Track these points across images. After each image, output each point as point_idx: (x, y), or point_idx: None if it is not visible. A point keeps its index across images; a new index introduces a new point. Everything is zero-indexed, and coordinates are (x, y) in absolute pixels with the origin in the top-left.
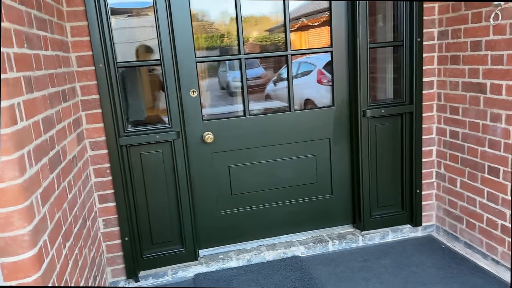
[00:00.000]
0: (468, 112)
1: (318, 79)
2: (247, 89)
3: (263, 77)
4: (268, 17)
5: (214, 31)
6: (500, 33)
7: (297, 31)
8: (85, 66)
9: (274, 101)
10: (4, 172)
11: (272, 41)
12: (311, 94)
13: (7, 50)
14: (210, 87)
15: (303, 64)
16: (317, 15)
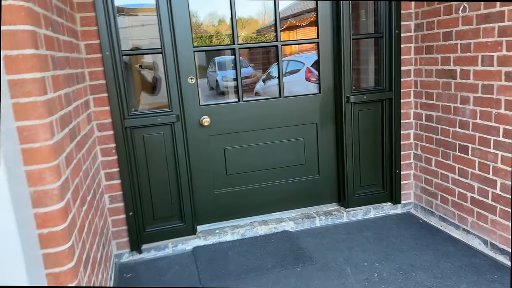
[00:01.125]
0: (441, 97)
1: (306, 77)
2: (241, 79)
3: (252, 76)
4: (256, 19)
5: (214, 35)
6: (467, 24)
7: (286, 30)
8: (93, 53)
9: (264, 97)
10: (38, 133)
11: (259, 40)
12: (299, 91)
13: (39, 30)
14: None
15: (292, 62)
16: (304, 15)
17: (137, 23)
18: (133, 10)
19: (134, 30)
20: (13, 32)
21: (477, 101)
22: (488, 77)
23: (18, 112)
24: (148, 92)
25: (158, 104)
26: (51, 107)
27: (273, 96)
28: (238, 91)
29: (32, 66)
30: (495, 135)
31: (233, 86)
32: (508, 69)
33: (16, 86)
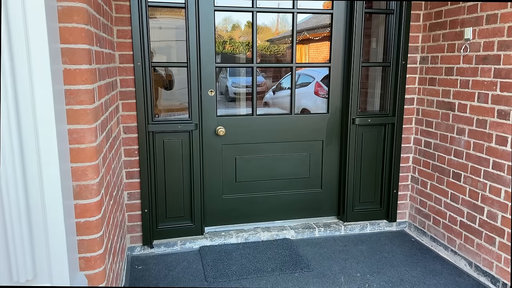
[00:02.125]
0: (440, 126)
1: (315, 90)
2: (256, 94)
3: (263, 85)
4: (269, 27)
5: (228, 41)
6: (468, 62)
7: (299, 43)
8: (126, 63)
9: (273, 108)
10: (86, 136)
11: (272, 51)
12: (308, 105)
13: (92, 47)
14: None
15: (302, 75)
16: (318, 30)
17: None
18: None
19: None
20: (73, 50)
21: (472, 134)
22: (482, 113)
23: (71, 117)
24: (164, 87)
25: (174, 104)
26: (97, 113)
27: (282, 108)
28: (253, 105)
29: (86, 78)
30: (485, 166)
31: (244, 93)
32: (500, 107)
33: (71, 95)
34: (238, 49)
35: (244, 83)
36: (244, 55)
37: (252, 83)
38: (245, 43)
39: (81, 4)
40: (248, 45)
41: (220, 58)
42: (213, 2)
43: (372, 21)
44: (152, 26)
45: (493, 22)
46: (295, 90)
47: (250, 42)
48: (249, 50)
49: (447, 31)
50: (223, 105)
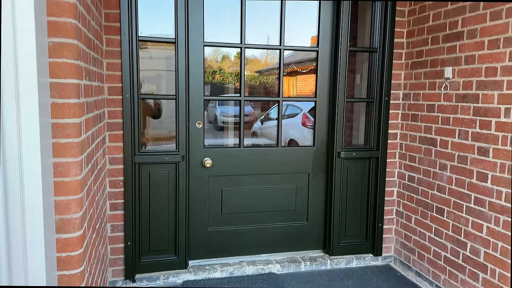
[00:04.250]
0: (423, 161)
1: (303, 121)
2: (243, 125)
3: (251, 115)
4: (259, 59)
5: (217, 72)
6: (448, 100)
7: (287, 75)
8: (114, 95)
9: (261, 138)
10: (71, 170)
11: (261, 81)
12: (295, 135)
13: (80, 81)
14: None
15: (290, 106)
16: (305, 63)
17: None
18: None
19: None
20: (62, 85)
21: (453, 169)
22: (463, 149)
23: (56, 150)
24: (152, 116)
25: (161, 133)
26: (83, 147)
27: (270, 139)
28: (240, 137)
29: (74, 112)
30: (467, 202)
31: (232, 122)
32: (480, 144)
33: (58, 128)
34: (228, 79)
35: (233, 112)
36: (233, 85)
37: (239, 116)
38: (234, 73)
39: (71, 40)
40: (237, 75)
41: (210, 88)
42: (202, 38)
43: (357, 58)
44: (142, 56)
45: (471, 62)
46: (283, 121)
47: (239, 73)
48: (238, 80)
49: (428, 69)
50: (212, 134)
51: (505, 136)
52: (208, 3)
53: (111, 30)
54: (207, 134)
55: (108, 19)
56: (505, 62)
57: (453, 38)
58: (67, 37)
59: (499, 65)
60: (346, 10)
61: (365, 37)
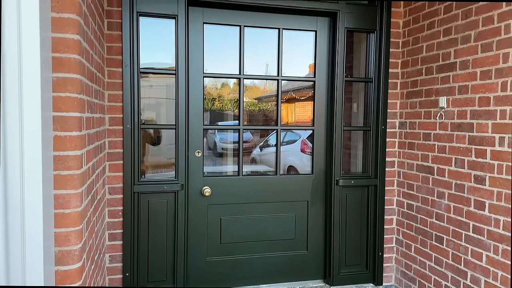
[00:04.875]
0: (421, 189)
1: (302, 148)
2: (242, 153)
3: (250, 141)
4: (258, 86)
5: (217, 98)
6: (444, 129)
7: (286, 102)
8: (115, 125)
9: (260, 165)
10: (71, 201)
11: (260, 108)
12: (294, 162)
13: (82, 114)
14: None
15: (289, 133)
16: (303, 90)
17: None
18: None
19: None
20: (65, 118)
21: (451, 197)
22: (460, 177)
23: (58, 182)
24: (151, 143)
25: (161, 160)
26: (83, 178)
27: (269, 165)
28: (239, 165)
29: (76, 145)
30: (466, 230)
31: (231, 148)
32: (476, 172)
33: (60, 161)
34: (227, 106)
35: (232, 139)
36: (232, 112)
37: (238, 144)
38: (233, 100)
39: (75, 75)
40: (237, 101)
41: (209, 114)
42: (202, 69)
43: (353, 87)
44: (143, 85)
45: (464, 92)
46: (282, 148)
47: (238, 102)
48: (237, 107)
49: (423, 99)
50: (211, 161)
51: (500, 164)
52: (207, 34)
53: (113, 63)
54: (206, 161)
55: (110, 52)
56: (498, 92)
57: (446, 69)
58: (71, 72)
59: (491, 95)
60: (342, 41)
61: (360, 67)
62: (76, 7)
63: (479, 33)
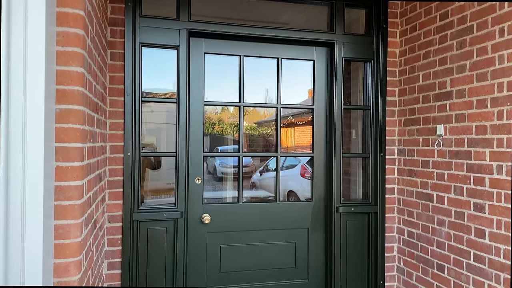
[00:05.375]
0: (421, 216)
1: (301, 173)
2: (242, 180)
3: (250, 165)
4: (258, 111)
5: (217, 123)
6: (442, 157)
7: (285, 127)
8: (116, 153)
9: (260, 190)
10: (71, 232)
11: (260, 132)
12: (294, 187)
13: (84, 145)
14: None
15: (289, 158)
16: (303, 115)
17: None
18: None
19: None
20: (67, 149)
21: (451, 225)
22: (459, 205)
23: (58, 212)
24: (151, 168)
25: (161, 185)
26: (84, 208)
27: (269, 191)
28: (239, 192)
29: (77, 175)
30: (467, 258)
31: (231, 173)
32: (476, 200)
33: (61, 191)
34: (227, 130)
35: (232, 163)
36: (232, 136)
37: (238, 171)
38: (233, 124)
39: (78, 107)
40: (237, 126)
41: (209, 139)
42: (203, 97)
43: (351, 114)
44: (144, 111)
45: (461, 121)
46: (282, 172)
47: (238, 128)
48: (237, 131)
49: (421, 126)
50: (211, 185)
51: (499, 192)
52: (208, 62)
53: (115, 92)
54: (206, 185)
55: (112, 81)
56: (494, 121)
57: (443, 97)
58: (74, 104)
59: (488, 123)
60: (339, 70)
61: (358, 94)
62: (80, 40)
63: (474, 63)
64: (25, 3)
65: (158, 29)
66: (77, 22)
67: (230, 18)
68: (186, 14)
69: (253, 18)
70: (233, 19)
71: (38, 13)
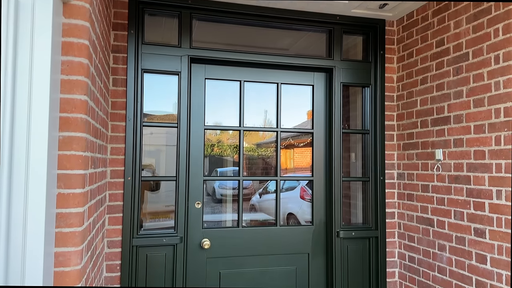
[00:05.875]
0: (422, 241)
1: (301, 195)
2: (242, 204)
3: (250, 187)
4: (257, 132)
5: (216, 144)
6: (441, 181)
7: (285, 148)
8: (116, 178)
9: (259, 213)
10: (71, 259)
11: (259, 153)
12: (294, 209)
13: (85, 171)
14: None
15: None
16: (302, 136)
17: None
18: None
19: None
20: (69, 176)
21: (452, 250)
22: (460, 230)
23: (59, 240)
24: (150, 190)
25: (160, 207)
26: (84, 235)
27: (268, 214)
28: (239, 217)
29: (78, 202)
30: (469, 284)
31: (231, 195)
32: (476, 225)
33: (62, 218)
34: (226, 152)
35: (231, 185)
36: (231, 157)
37: (238, 193)
38: (233, 146)
39: (81, 134)
40: (236, 147)
41: (208, 160)
42: (203, 122)
43: (351, 138)
44: (144, 133)
45: (460, 145)
46: (282, 195)
47: (238, 151)
48: (236, 152)
49: (420, 151)
50: (210, 208)
51: (499, 217)
52: (209, 86)
53: (116, 117)
54: (205, 208)
55: (114, 107)
56: (492, 146)
57: (441, 122)
58: (77, 131)
59: (486, 148)
60: (338, 95)
61: (357, 118)
62: (84, 69)
63: (471, 89)
64: (31, 33)
65: (160, 56)
66: (82, 51)
67: (231, 44)
68: (187, 41)
69: (254, 44)
70: (234, 45)
71: (44, 43)
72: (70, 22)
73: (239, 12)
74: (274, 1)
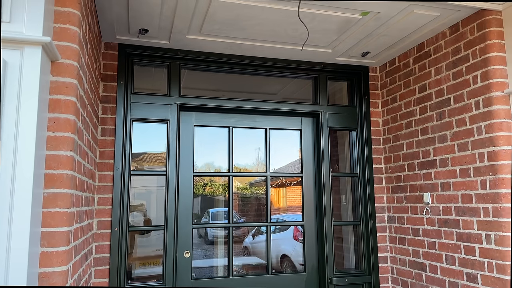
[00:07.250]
0: (415, 286)
1: (294, 235)
2: (232, 251)
3: (242, 229)
4: (250, 169)
5: (208, 184)
6: (431, 225)
7: (276, 187)
8: (103, 229)
9: (252, 257)
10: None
11: (252, 192)
12: (288, 250)
13: (70, 228)
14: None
15: (281, 220)
16: (293, 176)
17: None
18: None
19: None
20: (53, 233)
21: None
22: (452, 275)
23: None
24: (140, 233)
25: (149, 252)
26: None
27: (261, 257)
28: (229, 266)
29: (62, 260)
30: None
31: (223, 236)
32: (468, 270)
33: (44, 277)
34: (218, 191)
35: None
36: (223, 197)
37: (228, 243)
38: (225, 185)
39: (66, 190)
40: (228, 187)
41: (200, 200)
42: (192, 169)
43: (340, 180)
44: (133, 178)
45: (447, 189)
46: (274, 236)
47: (228, 196)
48: (228, 192)
49: (408, 194)
50: (201, 250)
51: (490, 262)
52: (198, 131)
53: (104, 167)
54: (196, 251)
55: (102, 157)
56: (478, 190)
57: (427, 166)
58: (62, 188)
59: (473, 192)
60: (326, 140)
61: (345, 161)
62: (71, 126)
63: (454, 134)
64: (18, 92)
65: (149, 105)
66: (69, 108)
67: (220, 90)
68: (176, 89)
69: (242, 89)
70: (223, 91)
71: (31, 101)
72: (58, 80)
73: (226, 62)
74: (260, 51)
